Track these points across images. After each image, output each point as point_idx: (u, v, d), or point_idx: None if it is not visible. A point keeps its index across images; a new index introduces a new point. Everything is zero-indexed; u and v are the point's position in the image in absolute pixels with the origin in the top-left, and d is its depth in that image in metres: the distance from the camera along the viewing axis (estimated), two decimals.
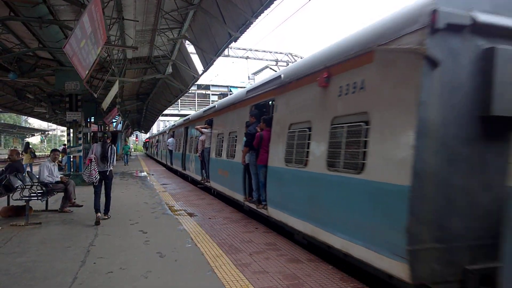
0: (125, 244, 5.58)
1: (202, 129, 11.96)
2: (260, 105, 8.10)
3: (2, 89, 17.19)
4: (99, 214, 7.12)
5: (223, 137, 10.23)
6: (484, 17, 3.56)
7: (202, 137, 12.11)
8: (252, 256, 4.99)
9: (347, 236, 4.37)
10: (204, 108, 15.33)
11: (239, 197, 8.41)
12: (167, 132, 25.65)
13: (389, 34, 3.96)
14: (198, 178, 13.06)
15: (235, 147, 8.86)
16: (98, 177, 7.20)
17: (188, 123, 17.02)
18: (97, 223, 6.92)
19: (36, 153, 22.03)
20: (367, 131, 4.16)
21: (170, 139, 21.74)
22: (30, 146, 19.84)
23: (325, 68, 5.09)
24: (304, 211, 5.46)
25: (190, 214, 7.99)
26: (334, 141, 4.79)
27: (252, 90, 8.49)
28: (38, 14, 8.50)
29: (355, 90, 4.46)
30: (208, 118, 12.38)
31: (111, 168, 7.52)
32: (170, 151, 21.19)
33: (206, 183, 12.04)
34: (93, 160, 7.16)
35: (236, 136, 8.98)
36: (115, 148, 7.76)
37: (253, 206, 7.53)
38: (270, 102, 7.70)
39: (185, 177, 16.60)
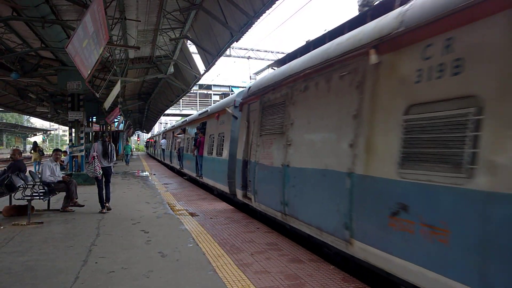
0: (127, 244, 5.59)
1: (178, 135, 19.26)
2: (204, 123, 13.80)
3: (5, 89, 17.25)
4: (107, 204, 8.29)
5: (189, 140, 16.56)
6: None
7: (178, 140, 18.79)
8: (254, 256, 4.99)
9: (219, 183, 10.45)
10: (182, 120, 23.48)
11: (194, 175, 14.45)
12: (161, 135, 33.26)
13: (227, 103, 10.59)
14: (177, 167, 19.55)
15: (193, 146, 14.73)
16: (101, 172, 8.05)
17: (174, 129, 23.50)
18: (109, 209, 8.20)
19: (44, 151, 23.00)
20: (224, 140, 10.38)
21: (163, 140, 27.56)
22: (38, 145, 20.86)
23: (217, 111, 11.56)
24: (212, 175, 11.63)
25: (192, 214, 8.00)
26: (218, 143, 11.01)
27: (200, 114, 15.24)
28: (40, 14, 8.52)
29: (222, 123, 10.80)
30: (183, 127, 19.05)
31: (112, 164, 8.52)
32: (163, 150, 27.27)
33: (181, 170, 18.30)
34: (96, 157, 8.01)
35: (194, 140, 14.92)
36: (114, 146, 8.83)
37: (197, 178, 13.80)
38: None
39: (171, 168, 22.04)
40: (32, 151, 20.17)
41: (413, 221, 3.27)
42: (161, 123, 58.56)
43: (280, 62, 7.93)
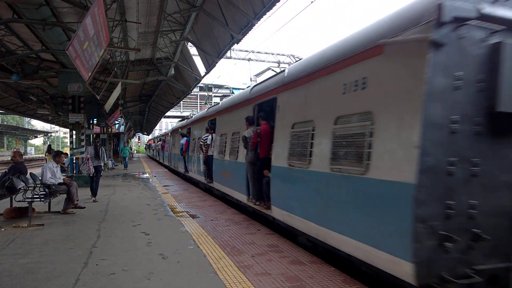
0: (128, 246, 5.58)
1: (157, 143, 34.82)
2: (165, 137, 28.37)
3: (5, 91, 17.28)
4: (94, 198, 9.98)
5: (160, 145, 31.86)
6: None
7: (158, 145, 34.39)
8: (255, 258, 4.98)
9: (167, 163, 24.78)
10: (160, 133, 45.31)
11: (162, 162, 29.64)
12: (153, 140, 49.90)
13: (168, 133, 27.86)
14: (158, 159, 33.80)
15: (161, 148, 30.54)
16: (93, 170, 9.79)
17: (157, 138, 42.29)
18: (94, 201, 9.82)
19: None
20: (170, 145, 23.51)
21: (153, 144, 43.88)
22: (52, 148, 21.88)
23: (168, 133, 27.42)
24: (167, 161, 24.82)
25: (193, 216, 7.99)
26: (167, 146, 24.90)
27: (165, 132, 34.29)
28: (41, 16, 8.54)
29: (169, 138, 24.32)
30: (161, 137, 34.46)
31: (102, 164, 10.53)
32: (153, 150, 42.87)
33: (159, 161, 32.00)
34: (89, 158, 9.80)
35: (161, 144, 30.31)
36: (103, 149, 10.96)
37: (161, 162, 30.17)
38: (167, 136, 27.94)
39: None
40: (47, 153, 21.97)
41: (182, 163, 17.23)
42: (156, 130, 59.61)
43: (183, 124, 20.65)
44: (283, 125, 6.28)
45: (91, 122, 21.55)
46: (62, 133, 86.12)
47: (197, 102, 45.01)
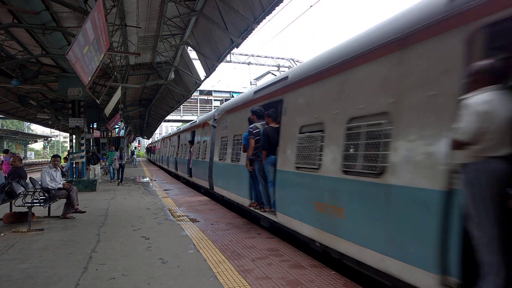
0: (128, 250, 5.56)
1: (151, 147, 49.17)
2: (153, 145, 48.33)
3: (5, 96, 17.30)
4: (121, 183, 15.67)
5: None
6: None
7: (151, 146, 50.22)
8: (255, 262, 4.96)
9: (165, 166, 27.39)
10: (150, 141, 67.38)
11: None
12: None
13: (149, 143, 65.99)
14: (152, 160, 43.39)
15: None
16: (119, 166, 16.51)
17: (151, 144, 54.97)
18: (118, 184, 15.57)
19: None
20: (162, 148, 33.80)
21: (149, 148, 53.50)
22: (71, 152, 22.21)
23: (157, 141, 47.33)
24: (164, 162, 29.27)
25: (193, 220, 7.97)
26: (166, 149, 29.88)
27: (154, 140, 55.66)
28: (41, 21, 8.56)
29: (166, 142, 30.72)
30: (151, 145, 55.80)
31: (124, 161, 16.84)
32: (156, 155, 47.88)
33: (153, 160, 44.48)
34: (117, 158, 16.62)
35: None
36: (124, 152, 16.87)
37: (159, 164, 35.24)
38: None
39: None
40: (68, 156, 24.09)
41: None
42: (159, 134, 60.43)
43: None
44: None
45: (91, 126, 21.57)
46: (62, 137, 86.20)
47: (197, 106, 45.02)
